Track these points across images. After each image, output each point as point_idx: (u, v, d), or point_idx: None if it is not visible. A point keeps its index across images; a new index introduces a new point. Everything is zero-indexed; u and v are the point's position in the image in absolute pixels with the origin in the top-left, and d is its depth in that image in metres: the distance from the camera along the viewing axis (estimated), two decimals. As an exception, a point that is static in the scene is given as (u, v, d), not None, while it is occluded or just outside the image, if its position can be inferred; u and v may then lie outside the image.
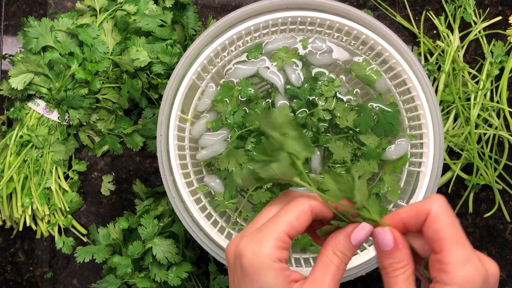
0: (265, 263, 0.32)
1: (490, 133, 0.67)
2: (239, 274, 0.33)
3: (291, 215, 0.33)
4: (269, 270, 0.32)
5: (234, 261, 0.34)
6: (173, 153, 0.53)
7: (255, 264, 0.32)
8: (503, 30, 0.70)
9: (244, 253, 0.32)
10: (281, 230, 0.33)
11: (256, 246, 0.32)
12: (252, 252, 0.32)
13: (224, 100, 0.57)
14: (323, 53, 0.58)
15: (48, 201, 0.66)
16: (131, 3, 0.65)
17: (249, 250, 0.32)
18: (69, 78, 0.64)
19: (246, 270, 0.32)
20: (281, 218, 0.33)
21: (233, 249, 0.34)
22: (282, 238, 0.33)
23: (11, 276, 0.71)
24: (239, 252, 0.33)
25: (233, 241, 0.35)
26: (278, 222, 0.33)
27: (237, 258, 0.33)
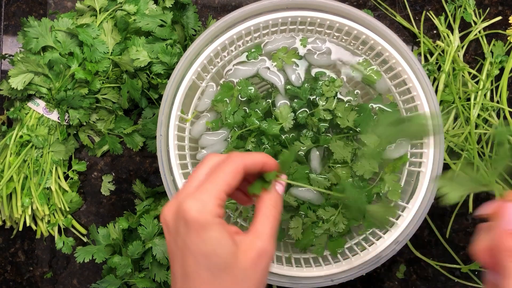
0: (209, 219, 0.34)
1: (490, 133, 0.67)
2: (183, 232, 0.34)
3: (228, 174, 0.36)
4: (213, 225, 0.34)
5: (175, 222, 0.35)
6: (173, 153, 0.53)
7: (200, 220, 0.33)
8: (503, 30, 0.70)
9: (188, 211, 0.34)
10: (220, 189, 0.35)
11: (199, 205, 0.34)
12: (196, 210, 0.34)
13: (224, 100, 0.57)
14: (321, 53, 0.58)
15: (48, 201, 0.66)
16: (131, 3, 0.65)
17: (193, 208, 0.34)
18: (69, 78, 0.64)
19: (191, 226, 0.34)
20: (219, 178, 0.36)
21: (172, 210, 0.36)
22: (221, 196, 0.35)
23: (11, 276, 0.71)
24: (182, 211, 0.34)
25: (170, 204, 0.36)
26: (217, 181, 0.35)
27: (180, 218, 0.34)
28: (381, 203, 0.33)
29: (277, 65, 0.57)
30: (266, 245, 0.36)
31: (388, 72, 0.56)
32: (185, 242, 0.34)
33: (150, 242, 0.62)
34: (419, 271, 0.69)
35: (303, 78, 0.57)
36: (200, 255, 0.34)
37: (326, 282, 0.52)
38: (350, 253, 0.54)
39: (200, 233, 0.34)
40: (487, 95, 0.68)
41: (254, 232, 0.37)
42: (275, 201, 0.39)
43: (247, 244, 0.36)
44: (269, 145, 0.56)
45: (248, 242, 0.36)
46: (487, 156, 0.66)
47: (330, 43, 0.58)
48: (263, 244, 0.36)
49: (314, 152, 0.56)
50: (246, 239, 0.36)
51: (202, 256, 0.34)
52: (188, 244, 0.34)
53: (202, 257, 0.34)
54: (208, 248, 0.34)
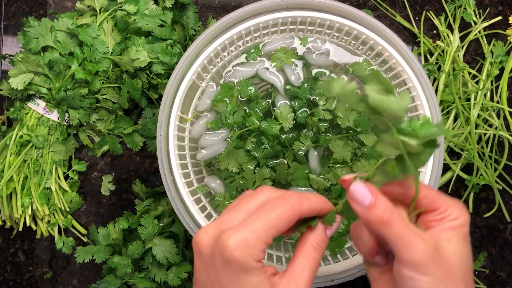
0: (252, 263, 0.32)
1: (490, 133, 0.67)
2: (220, 268, 0.33)
3: (281, 218, 0.33)
4: (254, 269, 0.32)
5: (212, 252, 0.33)
6: (173, 153, 0.53)
7: (243, 263, 0.32)
8: (503, 30, 0.70)
9: (231, 249, 0.32)
10: (269, 234, 0.33)
11: (244, 246, 0.32)
12: (240, 251, 0.32)
13: (224, 100, 0.57)
14: (320, 54, 0.58)
15: (48, 201, 0.66)
16: (131, 3, 0.65)
17: (237, 248, 0.32)
18: (69, 78, 0.64)
19: (231, 266, 0.32)
20: (271, 220, 0.33)
21: (209, 240, 0.34)
22: (269, 241, 0.33)
23: (11, 276, 0.71)
24: (223, 245, 0.32)
25: (208, 231, 0.34)
26: (269, 225, 0.33)
27: (219, 252, 0.32)
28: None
29: (276, 66, 0.57)
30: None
31: (388, 72, 0.56)
32: (220, 279, 0.33)
33: (150, 242, 0.62)
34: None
35: (302, 78, 0.57)
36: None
37: (326, 282, 0.52)
38: (350, 253, 0.54)
39: (239, 275, 0.32)
40: (487, 95, 0.68)
41: (292, 276, 0.34)
42: (319, 243, 0.36)
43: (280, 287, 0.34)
44: (269, 145, 0.56)
45: (285, 286, 0.34)
46: (487, 156, 0.66)
47: (330, 44, 0.58)
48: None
49: (312, 153, 0.56)
50: (283, 282, 0.34)
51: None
52: (223, 283, 0.33)
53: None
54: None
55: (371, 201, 0.32)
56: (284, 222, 0.34)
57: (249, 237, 0.32)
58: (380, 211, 0.32)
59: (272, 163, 0.56)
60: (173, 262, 0.62)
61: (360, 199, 0.33)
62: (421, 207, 0.34)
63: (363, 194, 0.33)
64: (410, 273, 0.31)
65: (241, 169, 0.56)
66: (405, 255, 0.31)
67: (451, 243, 0.33)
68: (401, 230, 0.32)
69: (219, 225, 0.34)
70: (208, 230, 0.34)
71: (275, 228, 0.33)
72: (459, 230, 0.33)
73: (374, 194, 0.32)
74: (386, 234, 0.32)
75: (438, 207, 0.34)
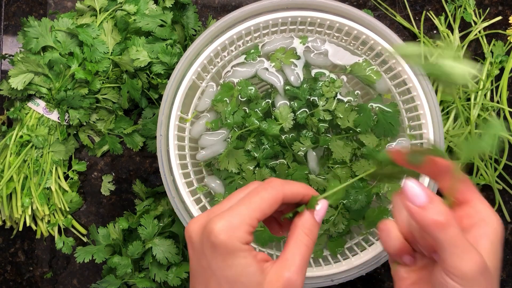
0: (237, 245, 0.32)
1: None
2: (209, 253, 0.33)
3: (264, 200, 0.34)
4: (240, 251, 0.33)
5: (201, 240, 0.34)
6: (173, 153, 0.53)
7: (228, 246, 0.32)
8: (503, 30, 0.70)
9: (217, 234, 0.32)
10: (253, 215, 0.34)
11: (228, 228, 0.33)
12: (225, 234, 0.32)
13: (224, 100, 0.57)
14: (319, 53, 0.58)
15: (48, 201, 0.66)
16: (131, 3, 0.65)
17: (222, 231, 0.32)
18: (69, 78, 0.64)
19: (218, 250, 0.32)
20: (254, 203, 0.34)
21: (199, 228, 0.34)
22: (253, 223, 0.34)
23: (11, 276, 0.71)
24: (210, 231, 0.33)
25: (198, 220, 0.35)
26: (251, 206, 0.34)
27: (206, 238, 0.33)
28: None
29: (275, 66, 0.57)
30: (294, 276, 0.34)
31: (388, 72, 0.56)
32: (210, 265, 0.33)
33: (150, 242, 0.62)
34: (419, 271, 0.69)
35: (302, 78, 0.57)
36: (224, 281, 0.33)
37: (326, 282, 0.52)
38: (350, 253, 0.54)
39: (226, 258, 0.32)
40: (487, 95, 0.68)
41: (283, 261, 0.34)
42: (309, 228, 0.36)
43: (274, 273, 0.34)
44: (268, 146, 0.56)
45: (275, 271, 0.34)
46: (487, 156, 0.66)
47: (329, 44, 0.58)
48: (291, 275, 0.34)
49: (311, 153, 0.56)
50: (274, 268, 0.34)
51: (226, 282, 0.33)
52: (212, 267, 0.33)
53: (226, 283, 0.33)
54: (233, 274, 0.32)
55: (426, 201, 0.31)
56: (267, 204, 0.34)
57: (233, 220, 0.33)
58: (436, 213, 0.30)
59: (272, 164, 0.56)
60: (173, 262, 0.62)
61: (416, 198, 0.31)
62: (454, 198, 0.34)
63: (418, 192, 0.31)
64: (455, 284, 0.30)
65: (240, 169, 0.56)
66: (456, 264, 0.30)
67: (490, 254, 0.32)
68: (457, 237, 0.30)
69: (208, 214, 0.35)
70: (198, 219, 0.35)
71: (259, 210, 0.34)
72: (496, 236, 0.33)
73: (428, 194, 0.31)
74: (440, 238, 0.30)
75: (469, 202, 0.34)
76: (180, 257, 0.62)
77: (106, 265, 0.65)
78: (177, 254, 0.62)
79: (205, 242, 0.33)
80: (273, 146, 0.56)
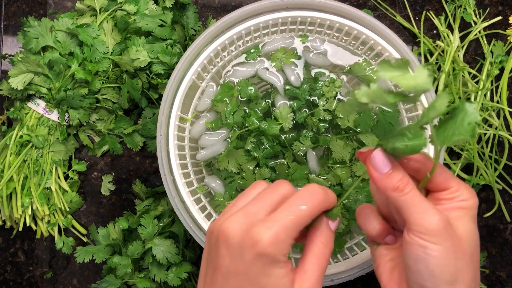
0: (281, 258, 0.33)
1: (490, 133, 0.67)
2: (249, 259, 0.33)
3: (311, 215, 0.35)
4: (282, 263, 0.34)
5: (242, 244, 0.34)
6: (173, 153, 0.53)
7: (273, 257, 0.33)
8: (503, 30, 0.70)
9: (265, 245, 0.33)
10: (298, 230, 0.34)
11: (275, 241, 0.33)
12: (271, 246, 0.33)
13: (224, 100, 0.57)
14: (318, 53, 0.58)
15: (48, 201, 0.66)
16: (131, 3, 0.65)
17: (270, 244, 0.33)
18: (69, 78, 0.64)
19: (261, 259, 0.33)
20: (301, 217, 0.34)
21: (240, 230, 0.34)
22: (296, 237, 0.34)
23: (11, 276, 0.71)
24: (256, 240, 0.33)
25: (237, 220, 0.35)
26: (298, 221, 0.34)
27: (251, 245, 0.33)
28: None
29: (275, 66, 0.57)
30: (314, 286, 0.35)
31: (388, 72, 0.56)
32: (248, 270, 0.34)
33: (150, 242, 0.62)
34: (419, 271, 0.69)
35: (302, 78, 0.57)
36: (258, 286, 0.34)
37: (326, 282, 0.52)
38: (350, 253, 0.54)
39: (266, 267, 0.33)
40: (487, 95, 0.68)
41: (304, 273, 0.35)
42: (327, 239, 0.37)
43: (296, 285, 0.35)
44: (268, 146, 0.56)
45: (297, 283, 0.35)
46: (487, 156, 0.66)
47: (329, 44, 0.58)
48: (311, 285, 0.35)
49: (311, 153, 0.56)
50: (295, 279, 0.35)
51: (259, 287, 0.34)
52: (250, 273, 0.33)
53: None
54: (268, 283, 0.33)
55: (389, 170, 0.34)
56: (311, 217, 0.35)
57: (281, 233, 0.33)
58: (397, 180, 0.34)
59: (272, 163, 0.56)
60: (173, 262, 0.62)
61: (380, 167, 0.34)
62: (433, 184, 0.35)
63: (383, 162, 0.34)
64: (422, 241, 0.32)
65: (240, 169, 0.56)
66: (419, 222, 0.32)
67: (461, 221, 0.34)
68: (416, 198, 0.33)
69: (246, 216, 0.35)
70: (237, 219, 0.35)
71: (303, 223, 0.35)
72: (468, 211, 0.34)
73: (392, 164, 0.34)
74: (401, 201, 0.33)
75: (450, 187, 0.35)
76: (180, 257, 0.62)
77: (106, 265, 0.65)
78: (177, 254, 0.62)
79: (248, 248, 0.33)
80: (273, 146, 0.56)
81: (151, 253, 0.62)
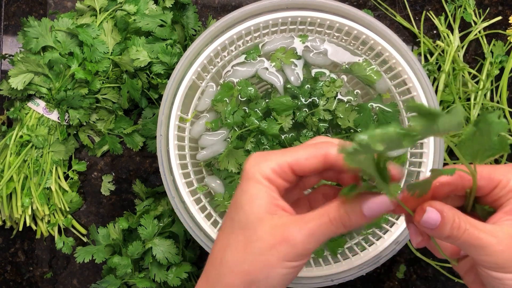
0: (256, 175, 0.33)
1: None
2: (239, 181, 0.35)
3: (302, 153, 0.33)
4: (256, 182, 0.33)
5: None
6: (173, 153, 0.53)
7: (249, 173, 0.33)
8: (503, 30, 0.70)
9: (247, 162, 0.34)
10: (285, 160, 0.33)
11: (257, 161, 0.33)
12: (252, 164, 0.33)
13: (224, 100, 0.57)
14: (318, 53, 0.58)
15: (48, 201, 0.66)
16: (131, 3, 0.65)
17: (251, 160, 0.34)
18: (69, 78, 0.64)
19: (243, 176, 0.34)
20: (290, 152, 0.34)
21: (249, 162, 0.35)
22: (282, 166, 0.33)
23: (11, 276, 0.71)
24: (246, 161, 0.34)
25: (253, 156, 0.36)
26: (285, 153, 0.34)
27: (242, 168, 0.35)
28: None
29: (275, 66, 0.57)
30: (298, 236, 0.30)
31: (388, 72, 0.56)
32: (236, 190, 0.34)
33: (150, 242, 0.62)
34: (419, 271, 0.69)
35: (302, 78, 0.57)
36: (233, 205, 0.34)
37: (326, 282, 0.52)
38: (350, 253, 0.54)
39: (242, 183, 0.33)
40: (487, 95, 0.68)
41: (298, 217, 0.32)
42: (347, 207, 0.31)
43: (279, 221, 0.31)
44: (268, 146, 0.56)
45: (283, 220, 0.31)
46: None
47: (329, 44, 0.58)
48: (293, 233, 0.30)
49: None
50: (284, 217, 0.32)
51: (233, 206, 0.33)
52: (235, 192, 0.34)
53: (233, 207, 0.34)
54: (242, 200, 0.33)
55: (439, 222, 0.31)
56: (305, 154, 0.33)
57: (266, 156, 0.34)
58: (449, 228, 0.31)
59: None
60: (173, 262, 0.62)
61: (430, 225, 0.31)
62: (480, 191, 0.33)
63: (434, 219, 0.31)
64: (495, 274, 0.30)
65: (240, 169, 0.56)
66: (484, 259, 0.30)
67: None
68: (472, 238, 0.30)
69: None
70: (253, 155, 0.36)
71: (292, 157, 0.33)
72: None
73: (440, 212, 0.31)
74: (459, 245, 0.31)
75: (498, 182, 0.32)
76: (180, 257, 0.62)
77: (106, 265, 0.65)
78: (177, 254, 0.62)
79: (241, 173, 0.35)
80: (272, 145, 0.56)
81: (151, 253, 0.62)
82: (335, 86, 0.56)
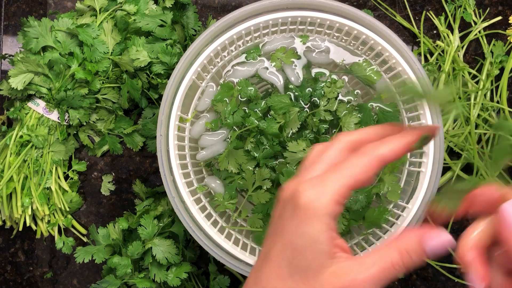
0: (317, 213, 0.30)
1: (490, 133, 0.67)
2: (287, 215, 0.31)
3: (358, 167, 0.31)
4: (318, 221, 0.30)
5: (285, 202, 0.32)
6: (173, 153, 0.53)
7: (308, 211, 0.30)
8: (503, 30, 0.70)
9: (301, 196, 0.30)
10: (344, 183, 0.30)
11: (314, 194, 0.30)
12: (308, 198, 0.30)
13: (224, 100, 0.57)
14: (320, 52, 0.58)
15: (48, 201, 0.66)
16: (131, 3, 0.65)
17: (307, 194, 0.30)
18: (69, 78, 0.64)
19: (297, 213, 0.30)
20: (346, 170, 0.31)
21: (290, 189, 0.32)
22: (342, 192, 0.30)
23: (11, 276, 0.71)
24: (296, 193, 0.30)
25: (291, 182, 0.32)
26: (343, 173, 0.31)
27: (291, 199, 0.31)
28: None
29: (275, 65, 0.57)
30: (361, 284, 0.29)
31: (388, 72, 0.56)
32: (283, 228, 0.31)
33: (150, 242, 0.62)
34: (419, 271, 0.69)
35: (302, 77, 0.57)
36: (289, 246, 0.30)
37: (326, 282, 0.52)
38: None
39: (301, 224, 0.30)
40: (487, 95, 0.68)
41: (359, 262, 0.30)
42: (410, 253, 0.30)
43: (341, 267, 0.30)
44: (268, 145, 0.56)
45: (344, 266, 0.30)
46: (487, 156, 0.66)
47: (329, 43, 0.58)
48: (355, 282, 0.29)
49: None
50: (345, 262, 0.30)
51: (291, 249, 0.30)
52: (284, 231, 0.30)
53: (290, 249, 0.30)
54: (301, 243, 0.30)
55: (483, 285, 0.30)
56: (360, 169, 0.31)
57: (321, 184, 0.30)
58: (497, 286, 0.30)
59: (272, 164, 0.56)
60: (173, 262, 0.62)
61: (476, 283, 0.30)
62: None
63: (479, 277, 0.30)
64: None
65: (240, 169, 0.56)
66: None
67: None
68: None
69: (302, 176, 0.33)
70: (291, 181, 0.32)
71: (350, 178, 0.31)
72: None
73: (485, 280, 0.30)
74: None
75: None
76: (180, 257, 0.62)
77: (106, 265, 0.65)
78: (177, 254, 0.62)
79: (288, 204, 0.31)
80: (272, 145, 0.56)
81: (151, 253, 0.62)
82: (336, 87, 0.56)
